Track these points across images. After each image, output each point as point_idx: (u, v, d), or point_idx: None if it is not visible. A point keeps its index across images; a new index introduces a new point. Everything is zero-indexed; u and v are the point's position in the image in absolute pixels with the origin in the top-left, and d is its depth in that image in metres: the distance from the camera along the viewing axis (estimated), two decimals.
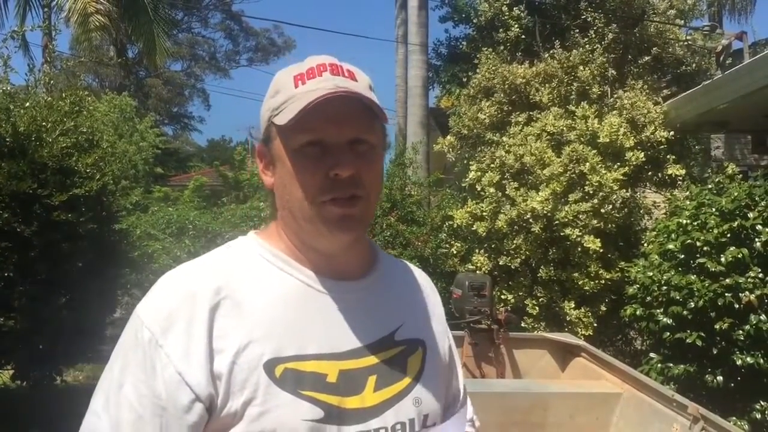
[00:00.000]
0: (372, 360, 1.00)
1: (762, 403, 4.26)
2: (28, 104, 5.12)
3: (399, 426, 0.99)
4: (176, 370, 0.89)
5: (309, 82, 0.98)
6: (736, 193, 4.65)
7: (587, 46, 8.02)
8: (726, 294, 4.30)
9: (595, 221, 6.42)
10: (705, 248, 4.57)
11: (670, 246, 4.85)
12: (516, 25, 8.71)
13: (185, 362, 0.89)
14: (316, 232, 0.99)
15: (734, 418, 4.18)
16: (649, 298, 4.89)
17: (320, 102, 0.93)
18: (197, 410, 0.89)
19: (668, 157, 7.21)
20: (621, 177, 6.58)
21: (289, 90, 0.99)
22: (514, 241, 6.73)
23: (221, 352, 0.91)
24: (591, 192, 6.48)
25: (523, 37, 8.84)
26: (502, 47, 8.77)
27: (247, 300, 0.96)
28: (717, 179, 5.17)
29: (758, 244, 4.42)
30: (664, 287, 4.71)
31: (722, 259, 4.43)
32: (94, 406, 0.93)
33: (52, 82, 6.10)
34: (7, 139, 4.76)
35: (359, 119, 0.98)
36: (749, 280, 4.31)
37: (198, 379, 0.89)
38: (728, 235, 4.51)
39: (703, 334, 4.40)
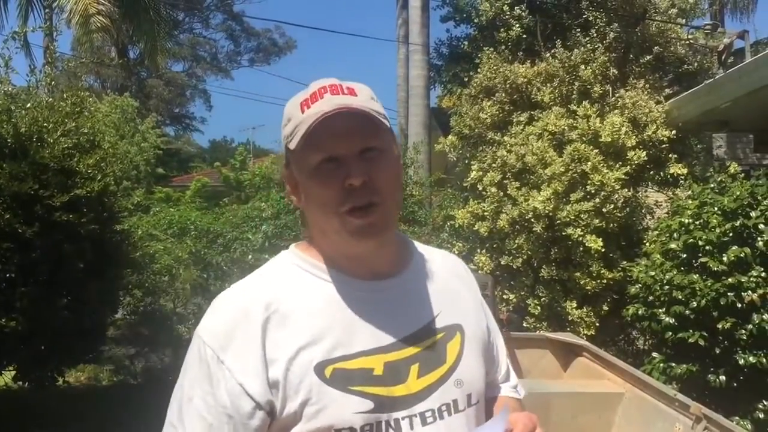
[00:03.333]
0: (413, 350, 1.09)
1: (765, 402, 4.25)
2: (29, 105, 5.12)
3: (444, 407, 1.08)
4: (237, 382, 1.00)
5: (313, 105, 1.05)
6: (738, 192, 4.64)
7: (589, 45, 8.00)
8: (728, 293, 4.29)
9: (596, 221, 6.40)
10: (707, 247, 4.56)
11: (672, 245, 4.84)
12: (517, 25, 8.69)
13: (244, 374, 1.01)
14: (344, 241, 1.07)
15: (737, 417, 4.17)
16: (651, 298, 4.88)
17: (324, 120, 1.02)
18: (259, 416, 1.01)
19: (670, 156, 7.19)
20: (623, 176, 6.57)
21: (297, 116, 1.07)
22: (516, 241, 6.72)
23: (275, 361, 1.02)
24: (593, 191, 6.47)
25: (524, 36, 8.81)
26: (503, 47, 8.74)
27: (293, 311, 1.06)
28: (719, 178, 5.15)
29: (761, 243, 4.41)
30: (666, 287, 4.70)
31: (724, 259, 4.42)
32: (170, 418, 1.05)
33: (53, 83, 6.10)
34: (9, 140, 4.76)
35: (363, 129, 1.05)
36: (752, 279, 4.31)
37: (256, 388, 1.00)
38: (730, 235, 4.50)
39: (705, 333, 4.39)
